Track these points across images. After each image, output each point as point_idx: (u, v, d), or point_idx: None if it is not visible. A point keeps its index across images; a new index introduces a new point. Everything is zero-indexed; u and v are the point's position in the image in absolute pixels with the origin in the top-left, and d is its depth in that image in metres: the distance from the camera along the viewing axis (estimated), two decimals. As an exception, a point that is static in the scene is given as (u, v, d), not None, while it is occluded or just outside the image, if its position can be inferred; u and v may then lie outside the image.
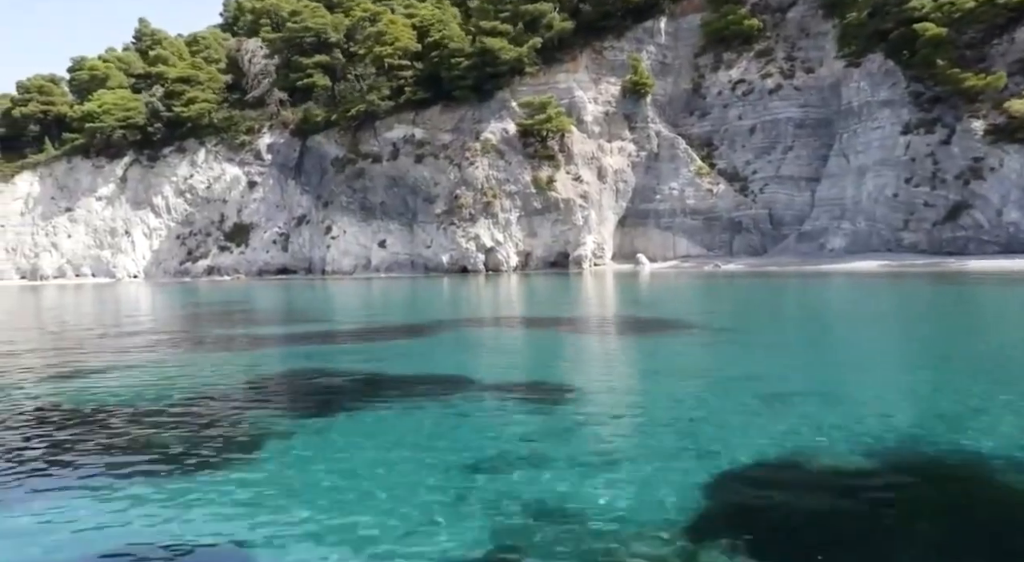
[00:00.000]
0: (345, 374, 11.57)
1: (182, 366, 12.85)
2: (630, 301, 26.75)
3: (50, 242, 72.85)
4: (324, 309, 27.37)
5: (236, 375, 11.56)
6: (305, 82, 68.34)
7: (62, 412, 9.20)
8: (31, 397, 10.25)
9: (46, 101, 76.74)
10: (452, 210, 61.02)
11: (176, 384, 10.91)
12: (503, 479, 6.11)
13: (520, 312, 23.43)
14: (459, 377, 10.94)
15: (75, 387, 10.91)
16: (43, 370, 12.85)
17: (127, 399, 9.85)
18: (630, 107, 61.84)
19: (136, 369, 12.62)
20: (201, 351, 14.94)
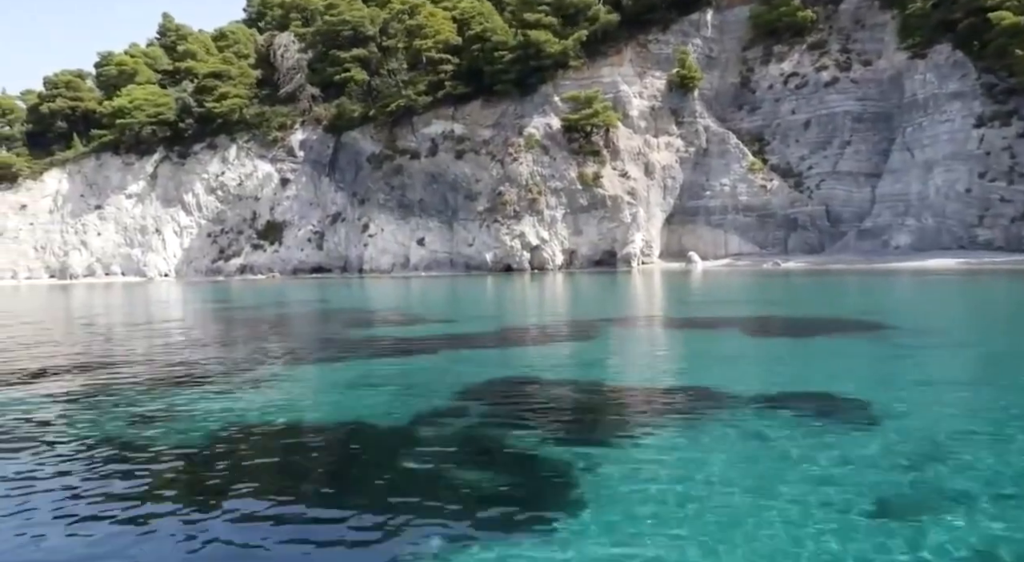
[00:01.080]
0: (571, 383, 10.14)
1: (369, 374, 11.45)
2: (738, 300, 25.22)
3: (79, 240, 71.58)
4: (425, 308, 25.76)
5: (444, 388, 10.13)
6: (343, 77, 66.94)
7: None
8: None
9: (74, 97, 75.43)
10: (495, 207, 59.61)
11: (389, 402, 9.50)
12: (930, 521, 4.73)
13: (651, 311, 21.77)
14: (703, 388, 9.54)
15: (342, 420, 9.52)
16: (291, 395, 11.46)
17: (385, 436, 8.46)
18: (676, 101, 60.35)
19: (333, 385, 11.23)
20: (373, 355, 13.53)
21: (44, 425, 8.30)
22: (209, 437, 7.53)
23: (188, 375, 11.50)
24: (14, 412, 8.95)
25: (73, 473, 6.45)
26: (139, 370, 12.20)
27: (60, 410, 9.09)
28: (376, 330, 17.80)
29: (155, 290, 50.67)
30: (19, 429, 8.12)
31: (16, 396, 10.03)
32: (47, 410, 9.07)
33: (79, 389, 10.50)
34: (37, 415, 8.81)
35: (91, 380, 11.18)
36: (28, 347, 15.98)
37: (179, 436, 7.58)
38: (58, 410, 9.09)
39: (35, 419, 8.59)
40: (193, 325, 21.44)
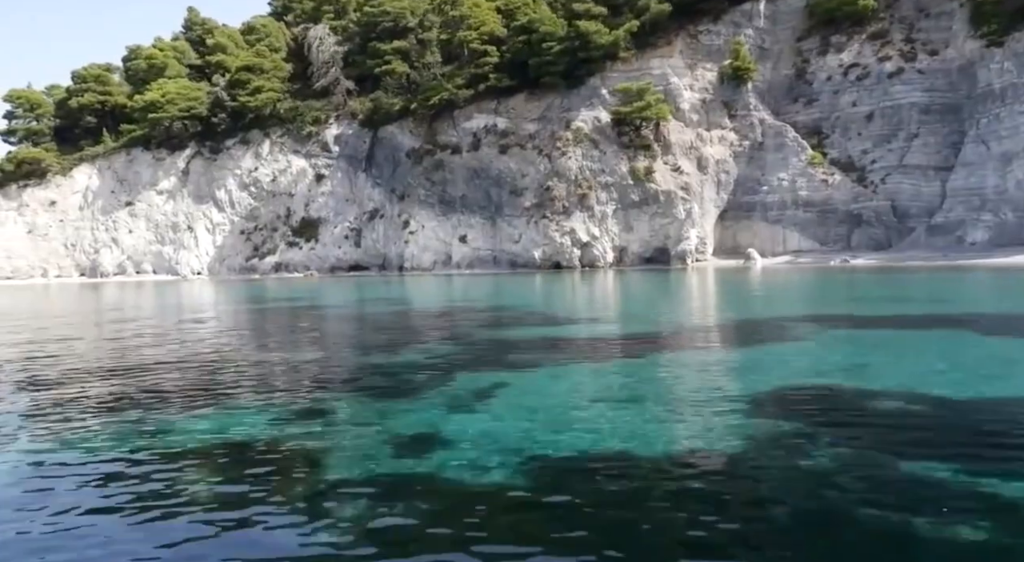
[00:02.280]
0: (896, 395, 8.36)
1: (611, 384, 9.71)
2: (866, 297, 23.39)
3: (110, 238, 70.00)
4: (547, 305, 23.71)
5: (729, 399, 8.37)
6: (383, 69, 65.15)
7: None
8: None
9: (103, 91, 73.87)
10: (543, 203, 57.89)
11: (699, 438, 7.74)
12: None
13: (817, 309, 19.90)
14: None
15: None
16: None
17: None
18: (728, 94, 58.59)
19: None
20: (588, 360, 11.77)
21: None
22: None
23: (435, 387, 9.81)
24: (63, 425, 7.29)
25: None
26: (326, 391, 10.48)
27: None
28: (543, 331, 15.98)
29: (196, 289, 48.93)
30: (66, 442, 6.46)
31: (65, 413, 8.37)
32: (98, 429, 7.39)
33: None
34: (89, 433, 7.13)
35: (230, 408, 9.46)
36: (65, 352, 14.32)
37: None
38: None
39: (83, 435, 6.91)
40: (317, 330, 19.67)
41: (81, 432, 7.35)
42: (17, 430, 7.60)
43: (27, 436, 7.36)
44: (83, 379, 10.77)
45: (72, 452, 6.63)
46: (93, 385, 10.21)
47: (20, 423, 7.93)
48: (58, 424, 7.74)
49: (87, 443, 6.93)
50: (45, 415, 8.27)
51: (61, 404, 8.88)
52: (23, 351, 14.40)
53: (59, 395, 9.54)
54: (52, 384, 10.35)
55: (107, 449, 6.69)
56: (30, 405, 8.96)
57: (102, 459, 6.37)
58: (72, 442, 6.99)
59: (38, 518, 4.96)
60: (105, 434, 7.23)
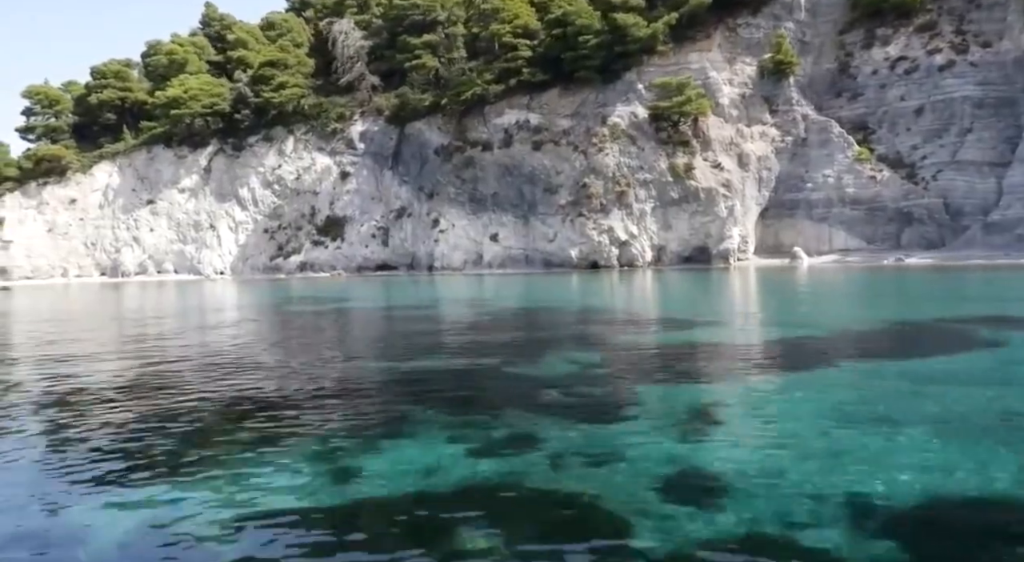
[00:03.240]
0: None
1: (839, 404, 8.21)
2: (952, 296, 21.78)
3: (131, 237, 68.54)
4: (641, 306, 22.24)
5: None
6: (413, 64, 63.62)
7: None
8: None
9: (123, 87, 72.42)
10: (579, 201, 56.35)
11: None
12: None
13: (964, 309, 18.40)
14: None
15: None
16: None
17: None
18: (769, 89, 57.03)
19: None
20: (783, 371, 10.27)
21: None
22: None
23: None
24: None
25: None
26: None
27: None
28: (679, 335, 14.46)
29: (222, 289, 47.45)
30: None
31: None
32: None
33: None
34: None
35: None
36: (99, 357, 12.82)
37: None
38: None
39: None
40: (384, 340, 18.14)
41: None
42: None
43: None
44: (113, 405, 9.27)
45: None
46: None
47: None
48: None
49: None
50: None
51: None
52: (39, 367, 12.91)
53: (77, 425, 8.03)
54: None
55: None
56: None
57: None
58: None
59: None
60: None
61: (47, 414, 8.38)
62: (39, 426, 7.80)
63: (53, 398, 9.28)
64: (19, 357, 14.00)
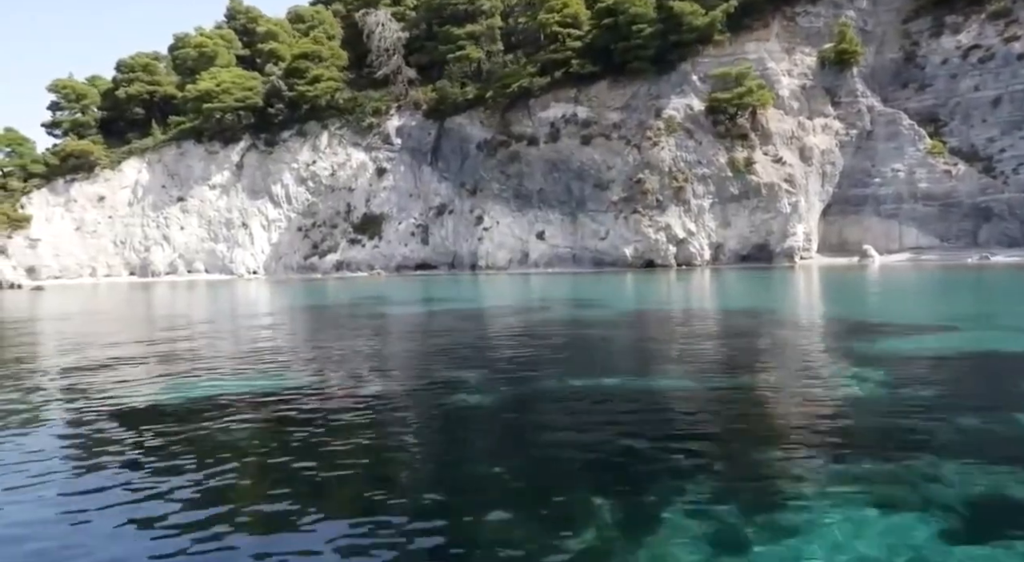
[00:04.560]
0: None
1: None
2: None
3: (161, 235, 66.36)
4: (793, 310, 19.79)
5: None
6: (457, 55, 61.33)
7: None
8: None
9: (151, 81, 70.27)
10: (633, 197, 54.00)
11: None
12: None
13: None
14: None
15: None
16: None
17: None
18: (830, 80, 54.60)
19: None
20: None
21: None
22: None
23: None
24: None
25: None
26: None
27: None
28: (934, 343, 12.14)
29: (258, 290, 45.12)
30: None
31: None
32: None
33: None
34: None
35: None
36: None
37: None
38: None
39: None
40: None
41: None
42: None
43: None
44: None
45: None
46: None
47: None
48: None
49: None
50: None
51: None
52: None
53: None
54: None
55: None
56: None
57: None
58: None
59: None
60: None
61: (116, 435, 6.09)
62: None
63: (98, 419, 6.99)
64: (53, 367, 11.72)
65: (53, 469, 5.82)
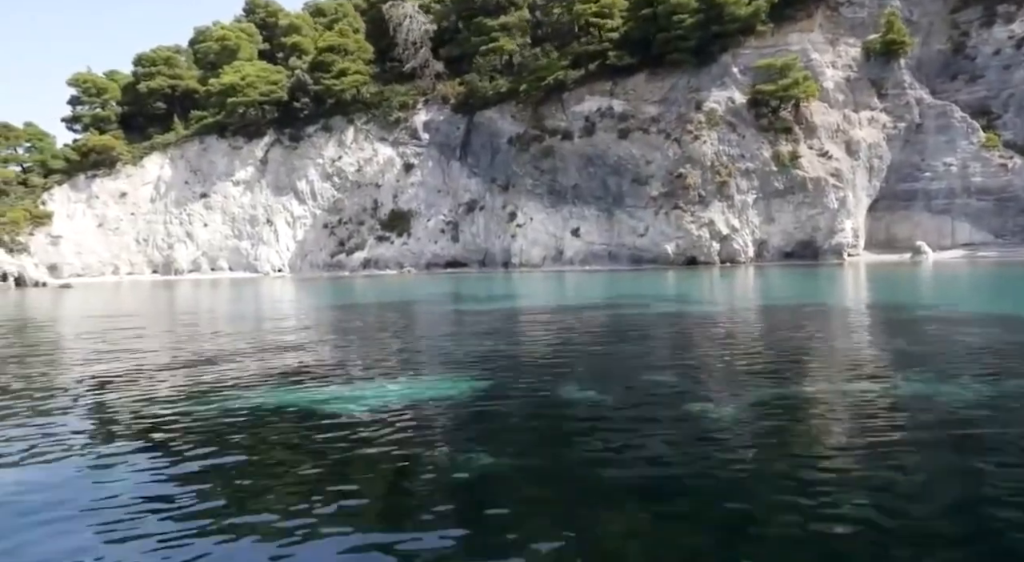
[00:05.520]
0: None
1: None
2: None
3: (184, 232, 64.95)
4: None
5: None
6: (490, 47, 59.88)
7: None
8: None
9: (173, 74, 68.85)
10: (674, 192, 52.47)
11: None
12: None
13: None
14: None
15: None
16: None
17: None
18: (876, 72, 53.04)
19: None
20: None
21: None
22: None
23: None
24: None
25: None
26: None
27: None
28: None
29: (292, 289, 43.57)
30: None
31: None
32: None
33: None
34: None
35: None
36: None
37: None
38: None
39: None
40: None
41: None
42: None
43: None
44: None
45: None
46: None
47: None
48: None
49: None
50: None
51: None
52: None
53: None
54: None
55: None
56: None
57: None
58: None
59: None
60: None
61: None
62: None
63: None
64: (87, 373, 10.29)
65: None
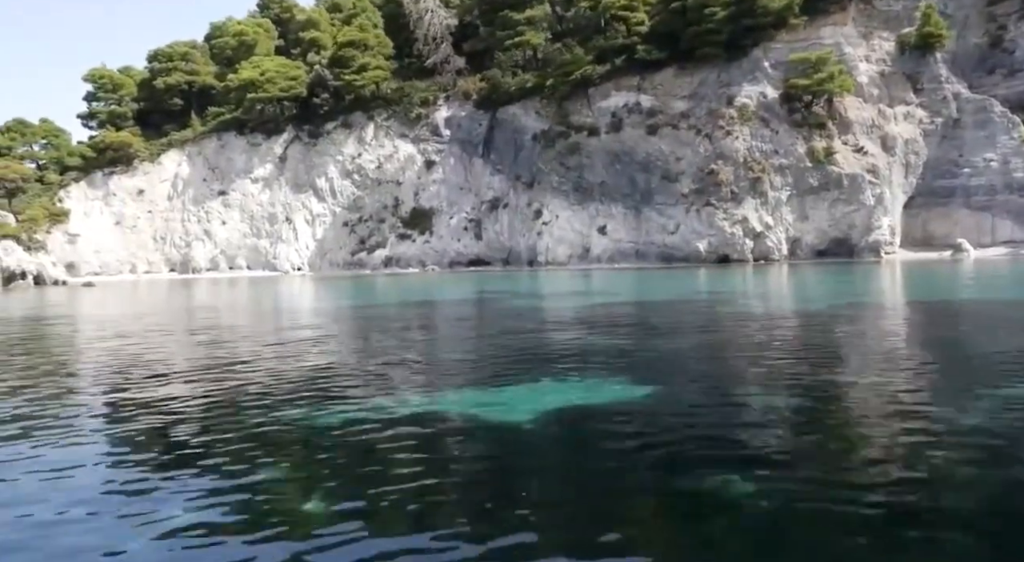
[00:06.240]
0: None
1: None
2: None
3: (202, 230, 63.96)
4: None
5: None
6: (516, 41, 58.87)
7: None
8: None
9: (190, 70, 67.85)
10: (705, 189, 51.41)
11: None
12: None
13: None
14: None
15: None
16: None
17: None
18: (911, 66, 52.01)
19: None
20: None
21: None
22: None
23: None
24: None
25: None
26: None
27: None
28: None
29: (318, 287, 42.55)
30: None
31: None
32: None
33: None
34: None
35: None
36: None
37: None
38: None
39: None
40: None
41: None
42: None
43: None
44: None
45: None
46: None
47: None
48: None
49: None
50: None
51: None
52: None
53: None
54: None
55: None
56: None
57: None
58: None
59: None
60: None
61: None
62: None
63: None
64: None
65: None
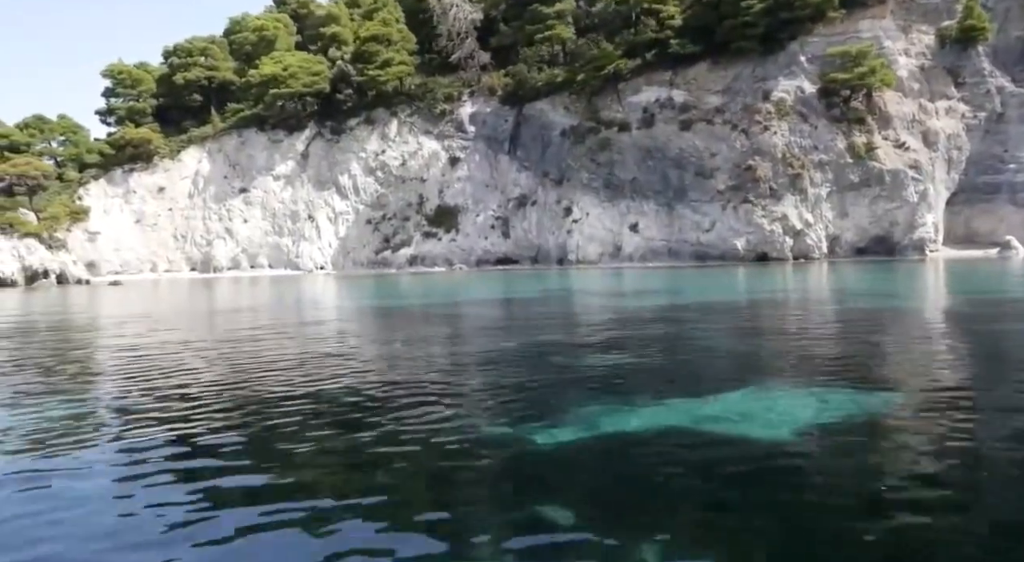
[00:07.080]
0: None
1: None
2: None
3: (224, 228, 62.84)
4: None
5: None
6: (546, 35, 57.81)
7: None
8: None
9: (210, 66, 66.76)
10: (742, 185, 50.34)
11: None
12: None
13: None
14: None
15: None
16: None
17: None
18: (952, 60, 50.93)
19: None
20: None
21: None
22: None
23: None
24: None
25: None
26: None
27: None
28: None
29: (347, 286, 41.42)
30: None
31: None
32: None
33: None
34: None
35: None
36: None
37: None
38: None
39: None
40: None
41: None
42: None
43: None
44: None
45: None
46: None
47: None
48: None
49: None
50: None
51: None
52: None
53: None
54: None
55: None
56: None
57: None
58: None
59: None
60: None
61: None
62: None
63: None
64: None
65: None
